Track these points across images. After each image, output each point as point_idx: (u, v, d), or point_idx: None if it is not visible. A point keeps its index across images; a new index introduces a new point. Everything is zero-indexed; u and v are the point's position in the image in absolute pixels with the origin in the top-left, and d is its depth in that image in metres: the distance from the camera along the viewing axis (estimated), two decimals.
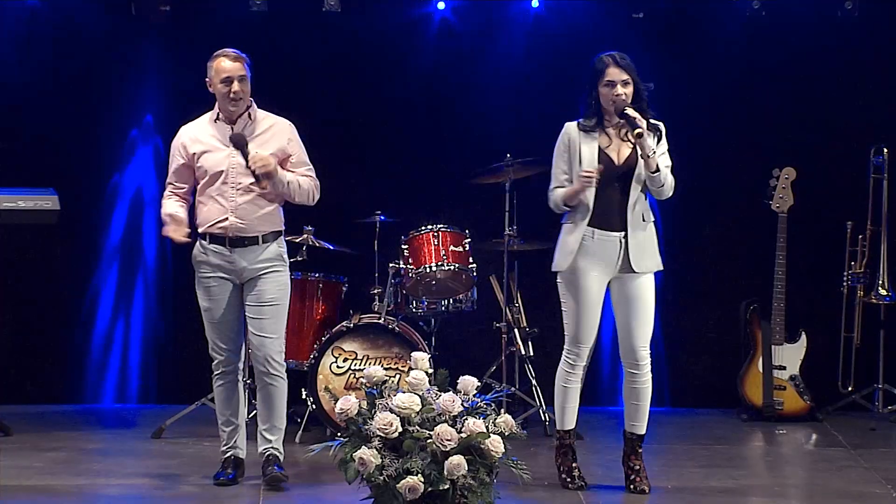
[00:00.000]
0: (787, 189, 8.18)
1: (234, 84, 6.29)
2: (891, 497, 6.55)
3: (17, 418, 7.80)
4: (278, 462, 6.51)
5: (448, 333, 8.30)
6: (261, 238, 6.40)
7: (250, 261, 6.39)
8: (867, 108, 8.56)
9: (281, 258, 6.48)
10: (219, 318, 6.46)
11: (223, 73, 6.31)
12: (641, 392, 6.48)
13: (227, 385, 6.55)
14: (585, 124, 6.41)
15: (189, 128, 6.51)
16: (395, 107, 8.58)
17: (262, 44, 7.95)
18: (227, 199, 6.36)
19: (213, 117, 6.44)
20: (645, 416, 6.52)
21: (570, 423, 6.59)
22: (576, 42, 8.54)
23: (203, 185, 6.41)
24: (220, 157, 6.37)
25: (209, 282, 6.45)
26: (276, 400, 6.50)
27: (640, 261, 6.35)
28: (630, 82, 6.27)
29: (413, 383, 5.63)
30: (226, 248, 6.39)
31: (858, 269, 8.35)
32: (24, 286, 8.48)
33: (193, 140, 6.42)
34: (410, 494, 5.43)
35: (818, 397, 8.36)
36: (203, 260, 6.46)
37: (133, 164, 8.55)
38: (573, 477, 6.57)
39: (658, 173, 6.24)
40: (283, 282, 6.48)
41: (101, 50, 8.44)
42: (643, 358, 6.44)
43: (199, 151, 6.39)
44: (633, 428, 6.54)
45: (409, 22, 8.56)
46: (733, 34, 8.51)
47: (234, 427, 6.56)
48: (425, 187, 8.57)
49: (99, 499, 6.39)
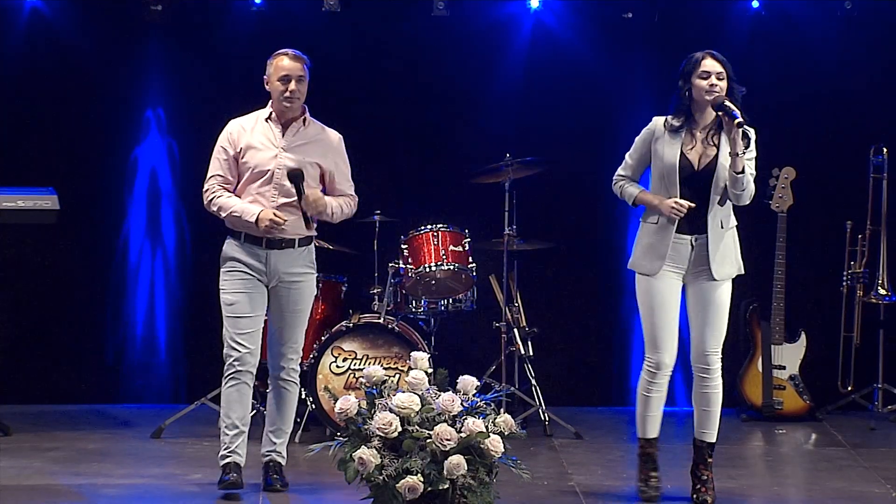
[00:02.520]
0: (787, 188, 8.18)
1: (292, 83, 6.22)
2: (891, 497, 6.55)
3: (17, 418, 7.80)
4: (280, 470, 6.43)
5: (448, 333, 8.30)
6: (297, 241, 6.35)
7: (284, 265, 6.32)
8: (867, 108, 8.57)
9: (312, 265, 6.45)
10: (243, 314, 6.32)
11: (282, 70, 6.23)
12: (711, 397, 6.34)
13: (239, 387, 6.35)
14: (673, 122, 6.22)
15: (239, 121, 6.40)
16: (394, 107, 8.58)
17: (261, 44, 7.95)
18: (269, 199, 6.27)
19: (266, 115, 6.34)
20: (715, 423, 6.36)
21: (651, 432, 6.40)
22: (576, 42, 8.55)
23: (245, 182, 6.31)
24: (267, 157, 6.28)
25: (240, 276, 6.31)
26: (288, 404, 6.45)
27: (720, 267, 6.23)
28: (724, 77, 6.12)
29: (412, 383, 5.63)
30: (261, 249, 6.31)
31: (858, 269, 8.35)
32: (24, 286, 8.47)
33: (243, 133, 6.32)
34: (410, 494, 5.43)
35: (818, 397, 8.36)
36: (235, 257, 6.33)
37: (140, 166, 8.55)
38: (648, 486, 6.40)
39: (742, 175, 6.06)
40: (311, 291, 6.46)
41: (102, 50, 8.44)
42: (713, 363, 6.31)
43: (247, 147, 6.29)
44: (703, 435, 6.37)
45: (409, 22, 8.56)
46: (733, 34, 8.51)
47: (238, 433, 6.38)
48: (425, 187, 8.57)
49: (99, 499, 6.38)
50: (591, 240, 8.70)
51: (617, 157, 6.50)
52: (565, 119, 8.58)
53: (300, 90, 6.27)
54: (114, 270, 8.59)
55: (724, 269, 6.27)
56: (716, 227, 6.22)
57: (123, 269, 8.60)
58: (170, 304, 8.65)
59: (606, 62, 8.59)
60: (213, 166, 6.38)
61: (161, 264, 8.63)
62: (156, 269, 8.64)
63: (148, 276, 8.63)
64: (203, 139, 6.75)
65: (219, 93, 8.32)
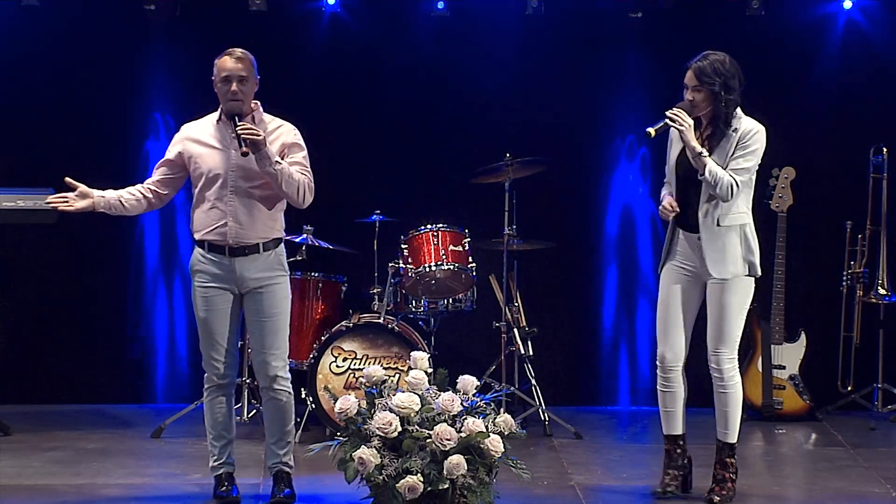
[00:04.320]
0: (787, 188, 8.18)
1: (233, 84, 6.09)
2: (890, 497, 6.56)
3: (17, 418, 7.81)
4: (288, 481, 6.30)
5: (448, 333, 8.31)
6: (262, 246, 6.18)
7: (251, 271, 6.17)
8: (867, 108, 8.57)
9: (281, 267, 6.26)
10: (214, 330, 6.23)
11: (223, 71, 6.14)
12: (722, 398, 6.36)
13: (219, 400, 6.30)
14: None
15: (191, 126, 6.34)
16: (394, 106, 8.58)
17: (261, 44, 7.94)
18: (226, 203, 6.14)
19: (217, 118, 6.26)
20: (730, 424, 6.36)
21: (669, 429, 6.44)
22: (575, 42, 8.56)
23: (200, 189, 6.20)
24: (218, 160, 6.17)
25: (207, 292, 6.22)
26: (283, 413, 6.27)
27: (716, 265, 6.26)
28: (701, 88, 6.21)
29: (412, 383, 5.63)
30: (225, 258, 6.18)
31: (858, 269, 8.35)
32: (24, 286, 8.48)
33: (193, 140, 6.25)
34: (410, 494, 5.43)
35: (818, 397, 8.36)
36: (201, 269, 6.23)
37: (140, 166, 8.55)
38: (662, 483, 6.43)
39: (703, 176, 6.15)
40: (284, 294, 6.26)
41: (103, 50, 8.44)
42: (719, 363, 6.32)
43: (197, 152, 6.20)
44: (721, 435, 6.41)
45: (409, 22, 8.56)
46: (733, 34, 8.51)
47: (227, 442, 6.33)
48: (425, 187, 8.57)
49: (99, 499, 6.38)
50: (591, 240, 8.70)
51: (617, 158, 6.51)
52: (565, 119, 8.58)
53: (242, 90, 6.12)
54: (113, 271, 8.59)
55: (722, 267, 6.28)
56: (709, 226, 6.26)
57: (123, 269, 8.60)
58: (170, 305, 8.65)
59: (606, 62, 8.59)
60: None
61: (161, 264, 8.63)
62: (156, 269, 8.64)
63: (148, 276, 8.63)
64: None
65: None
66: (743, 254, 6.31)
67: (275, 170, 6.04)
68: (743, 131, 6.21)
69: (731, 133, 6.21)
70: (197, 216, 6.25)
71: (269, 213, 6.21)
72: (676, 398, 6.44)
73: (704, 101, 6.22)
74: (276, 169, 6.04)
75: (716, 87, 6.18)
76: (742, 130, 6.22)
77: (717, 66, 6.21)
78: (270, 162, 6.03)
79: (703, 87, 6.20)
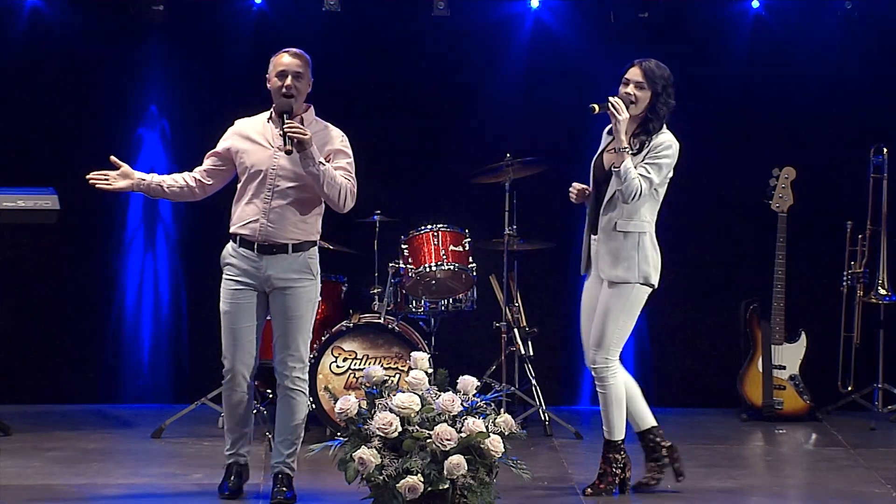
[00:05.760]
0: (787, 189, 8.19)
1: (288, 78, 6.15)
2: (891, 497, 6.56)
3: (17, 418, 7.80)
4: (289, 483, 6.30)
5: (448, 333, 8.30)
6: (290, 247, 6.20)
7: (278, 270, 6.19)
8: (867, 108, 8.56)
9: (310, 270, 6.26)
10: (236, 326, 6.25)
11: (279, 66, 6.19)
12: (600, 397, 6.46)
13: (236, 395, 6.31)
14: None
15: (243, 122, 6.37)
16: (394, 106, 8.57)
17: (261, 43, 7.95)
18: (263, 200, 6.18)
19: (268, 116, 6.29)
20: (608, 422, 6.41)
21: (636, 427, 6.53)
22: (576, 42, 8.55)
23: (243, 183, 6.26)
24: (262, 157, 6.21)
25: (233, 285, 6.24)
26: (295, 413, 6.29)
27: (606, 267, 6.39)
28: (646, 87, 6.30)
29: (413, 383, 5.63)
30: (254, 254, 6.21)
31: (858, 269, 8.35)
32: (23, 286, 8.47)
33: (241, 135, 6.29)
34: (410, 494, 5.43)
35: (818, 397, 8.36)
36: (231, 262, 6.27)
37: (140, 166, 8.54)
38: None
39: (617, 168, 6.24)
40: (309, 297, 6.27)
41: (102, 49, 8.44)
42: (592, 362, 6.44)
43: (244, 148, 6.25)
44: (604, 433, 6.47)
45: (409, 22, 8.55)
46: (734, 34, 8.51)
47: (241, 435, 6.37)
48: (425, 187, 8.57)
49: (99, 499, 6.38)
50: None
51: None
52: (565, 119, 8.57)
53: (297, 86, 6.20)
54: (114, 270, 8.59)
55: (610, 270, 6.38)
56: (606, 228, 6.38)
57: (124, 268, 8.60)
58: (170, 304, 8.64)
59: (606, 62, 8.58)
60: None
61: (162, 264, 8.63)
62: (156, 270, 8.63)
63: (149, 277, 8.63)
64: (203, 139, 6.73)
65: (219, 93, 8.33)
66: (638, 262, 6.35)
67: (318, 170, 6.10)
68: (656, 143, 6.32)
69: (647, 140, 6.31)
70: (235, 210, 6.31)
71: (303, 216, 6.24)
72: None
73: (645, 100, 6.32)
74: (319, 170, 6.10)
75: (658, 89, 6.31)
76: (655, 142, 6.32)
77: (663, 70, 6.35)
78: (314, 162, 6.09)
79: (647, 85, 6.31)
